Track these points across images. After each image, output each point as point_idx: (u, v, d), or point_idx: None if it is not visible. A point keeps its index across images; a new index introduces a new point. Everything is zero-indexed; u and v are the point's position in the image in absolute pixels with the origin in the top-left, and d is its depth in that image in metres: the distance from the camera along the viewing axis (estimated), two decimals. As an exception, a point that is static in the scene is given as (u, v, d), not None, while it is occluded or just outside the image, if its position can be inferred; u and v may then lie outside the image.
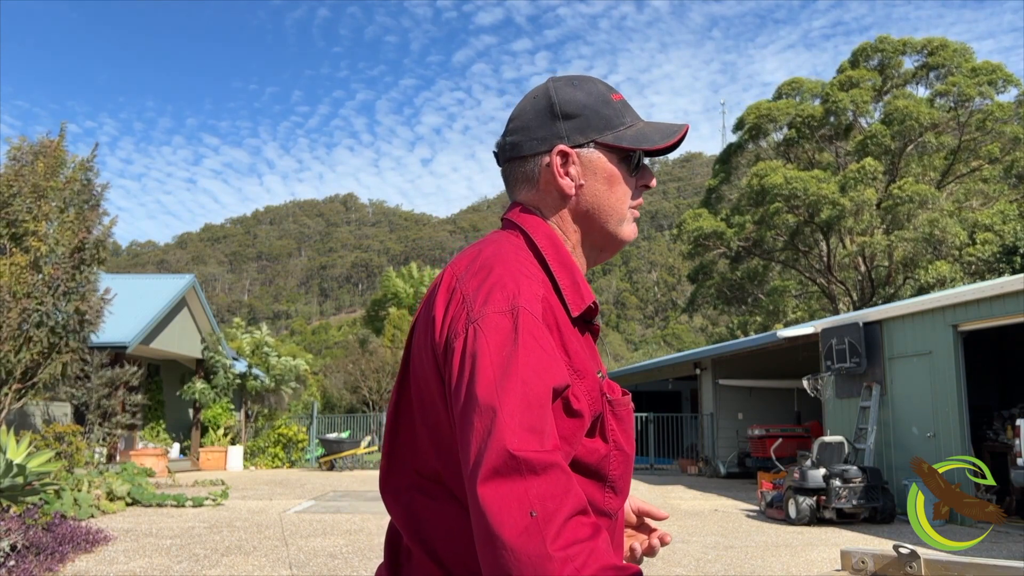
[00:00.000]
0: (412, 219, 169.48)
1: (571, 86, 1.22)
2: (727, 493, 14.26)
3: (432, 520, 1.08)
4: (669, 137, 1.21)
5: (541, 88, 1.24)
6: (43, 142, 12.65)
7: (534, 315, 1.02)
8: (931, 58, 26.37)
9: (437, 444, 1.09)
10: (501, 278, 1.05)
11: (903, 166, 26.02)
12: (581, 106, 1.20)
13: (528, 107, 1.23)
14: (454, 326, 1.04)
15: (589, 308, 1.14)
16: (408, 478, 1.12)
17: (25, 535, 6.90)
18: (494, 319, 1.01)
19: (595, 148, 1.19)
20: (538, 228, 1.18)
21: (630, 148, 1.19)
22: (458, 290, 1.07)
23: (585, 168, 1.19)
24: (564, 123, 1.19)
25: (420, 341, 1.12)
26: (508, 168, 1.24)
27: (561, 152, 1.18)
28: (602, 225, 1.21)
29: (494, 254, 1.11)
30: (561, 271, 1.14)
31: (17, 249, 11.67)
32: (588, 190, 1.19)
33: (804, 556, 7.94)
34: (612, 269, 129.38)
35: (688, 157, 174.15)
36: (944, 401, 10.98)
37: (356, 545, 8.21)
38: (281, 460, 21.09)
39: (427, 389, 1.09)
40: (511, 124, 1.24)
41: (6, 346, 11.26)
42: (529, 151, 1.20)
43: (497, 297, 1.03)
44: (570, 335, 1.09)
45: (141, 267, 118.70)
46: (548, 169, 1.19)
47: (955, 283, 20.98)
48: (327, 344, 70.54)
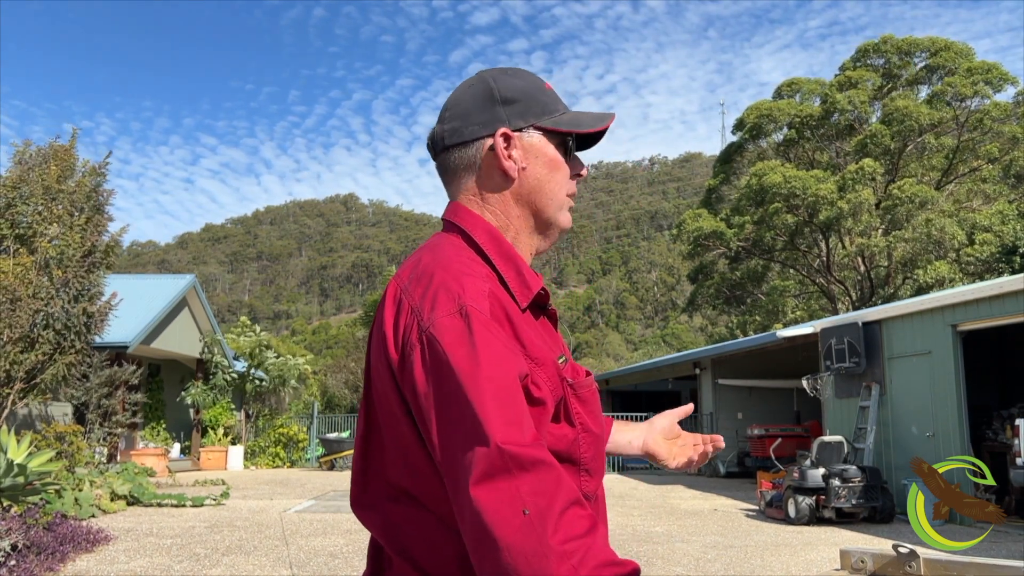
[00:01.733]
0: (412, 219, 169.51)
1: (507, 75, 1.24)
2: (727, 493, 14.27)
3: (409, 529, 1.08)
4: (600, 122, 1.24)
5: (476, 77, 1.25)
6: (54, 146, 12.71)
7: (482, 311, 1.02)
8: (933, 59, 26.35)
9: (404, 457, 1.08)
10: (444, 281, 1.05)
11: (903, 166, 26.02)
12: (520, 92, 1.21)
13: (466, 95, 1.23)
14: (407, 337, 1.04)
15: (538, 295, 1.15)
16: (381, 490, 1.12)
17: (26, 535, 6.91)
18: (445, 322, 1.01)
19: (535, 132, 1.21)
20: (476, 224, 1.18)
21: (567, 131, 1.21)
22: (404, 301, 1.07)
23: (527, 152, 1.20)
24: (504, 108, 1.20)
25: (376, 357, 1.11)
26: (446, 157, 1.23)
27: (504, 134, 1.18)
28: (542, 209, 1.22)
29: (434, 259, 1.11)
30: (504, 264, 1.14)
31: (24, 250, 11.69)
32: (530, 173, 1.20)
33: (804, 556, 7.95)
34: (612, 269, 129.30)
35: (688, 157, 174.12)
36: (944, 401, 10.98)
37: (356, 545, 8.21)
38: (281, 460, 21.09)
39: (387, 404, 1.09)
40: (447, 112, 1.23)
41: (16, 347, 11.28)
42: (471, 136, 1.20)
43: (443, 300, 1.03)
44: (523, 325, 1.09)
45: (142, 267, 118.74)
46: (491, 153, 1.19)
47: (954, 283, 20.99)
48: (327, 344, 70.56)
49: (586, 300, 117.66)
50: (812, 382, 13.47)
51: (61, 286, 11.82)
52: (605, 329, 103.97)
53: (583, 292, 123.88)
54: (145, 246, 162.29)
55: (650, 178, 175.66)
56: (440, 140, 1.23)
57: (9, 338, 11.20)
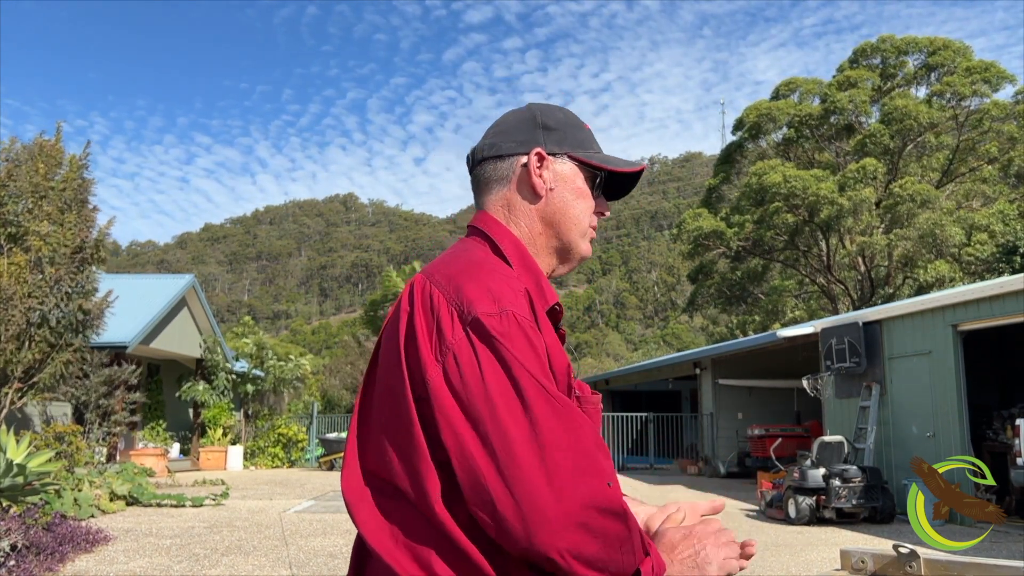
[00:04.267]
0: (412, 219, 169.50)
1: (550, 107, 1.33)
2: (727, 493, 14.26)
3: (392, 521, 1.09)
4: (631, 165, 1.32)
5: (525, 106, 1.34)
6: (40, 142, 12.62)
7: (522, 313, 1.06)
8: (932, 58, 26.34)
9: (393, 450, 1.09)
10: (484, 281, 1.08)
11: (903, 166, 26.01)
12: (560, 123, 1.30)
13: (510, 117, 1.32)
14: (452, 335, 1.05)
15: (553, 308, 1.17)
16: (368, 480, 1.13)
17: (25, 535, 6.90)
18: (488, 321, 1.03)
19: (568, 160, 1.28)
20: (504, 234, 1.23)
21: (599, 166, 1.29)
22: (438, 295, 1.08)
23: (557, 176, 1.27)
24: (544, 132, 1.27)
25: (389, 353, 1.12)
26: (481, 168, 1.29)
27: (538, 154, 1.25)
28: (565, 233, 1.27)
29: (469, 260, 1.15)
30: (526, 274, 1.18)
31: (16, 249, 11.66)
32: (557, 195, 1.26)
33: (804, 556, 7.95)
34: (612, 269, 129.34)
35: (688, 157, 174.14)
36: (944, 401, 10.98)
37: (356, 545, 8.21)
38: (281, 460, 21.08)
39: (393, 401, 1.10)
40: (491, 130, 1.32)
41: (10, 345, 11.27)
42: (507, 151, 1.27)
43: (483, 298, 1.05)
44: (545, 327, 1.12)
45: (141, 267, 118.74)
46: (524, 169, 1.26)
47: (954, 283, 20.99)
48: (327, 344, 70.53)
49: (586, 300, 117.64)
50: (812, 382, 13.46)
51: (54, 283, 11.80)
52: (605, 329, 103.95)
53: (583, 292, 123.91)
54: (144, 246, 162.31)
55: (650, 178, 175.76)
56: (479, 153, 1.30)
57: (5, 336, 11.19)
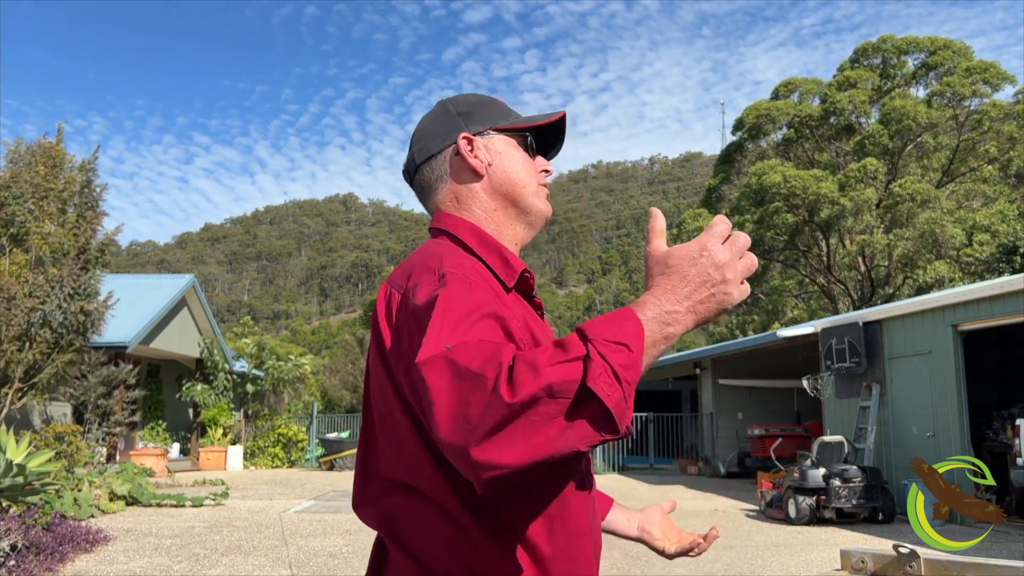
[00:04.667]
0: (412, 219, 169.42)
1: (459, 96, 1.36)
2: (727, 493, 14.27)
3: (405, 518, 1.11)
4: (552, 115, 1.33)
5: (436, 105, 1.36)
6: (42, 143, 12.63)
7: (461, 274, 1.06)
8: (932, 58, 26.33)
9: (397, 447, 1.11)
10: (427, 265, 1.11)
11: (903, 167, 26.01)
12: (473, 104, 1.32)
13: (426, 119, 1.34)
14: (397, 318, 1.08)
15: (523, 275, 1.19)
16: (378, 487, 1.15)
17: (25, 535, 6.90)
18: (425, 291, 1.05)
19: (494, 133, 1.30)
20: (459, 224, 1.25)
21: (523, 127, 1.30)
22: (395, 294, 1.12)
23: (490, 151, 1.28)
24: (462, 118, 1.30)
25: (373, 355, 1.16)
26: (419, 176, 1.31)
27: (466, 137, 1.27)
28: (518, 197, 1.28)
29: (421, 255, 1.17)
30: (489, 254, 1.20)
31: (18, 249, 11.66)
32: (497, 166, 1.28)
33: (804, 556, 7.95)
34: (612, 269, 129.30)
35: (688, 157, 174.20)
36: (944, 401, 10.98)
37: (356, 545, 8.21)
38: (281, 460, 21.08)
39: (382, 395, 1.13)
40: (414, 138, 1.34)
41: (13, 345, 11.27)
42: (436, 148, 1.29)
43: (427, 279, 1.07)
44: (507, 300, 1.13)
45: (141, 267, 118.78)
46: (457, 157, 1.27)
47: (954, 283, 20.98)
48: (327, 344, 70.53)
49: (586, 300, 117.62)
50: (812, 382, 13.46)
51: (56, 284, 11.80)
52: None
53: (583, 292, 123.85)
54: (144, 246, 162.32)
55: (650, 178, 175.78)
56: (412, 163, 1.32)
57: (6, 337, 11.19)
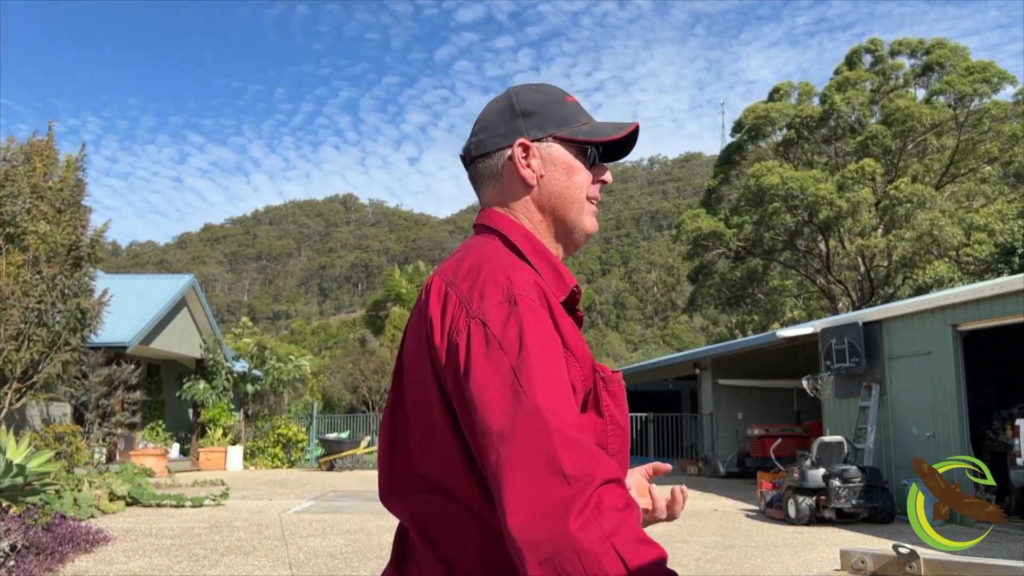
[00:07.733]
0: (412, 219, 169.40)
1: (529, 89, 1.31)
2: (727, 493, 14.27)
3: (436, 518, 1.10)
4: (619, 130, 1.28)
5: (503, 94, 1.33)
6: (34, 142, 12.62)
7: (530, 297, 1.06)
8: (929, 56, 26.35)
9: (435, 449, 1.10)
10: (492, 274, 1.09)
11: (903, 167, 26.01)
12: (539, 104, 1.28)
13: (491, 110, 1.31)
14: (455, 325, 1.06)
15: (572, 292, 1.19)
16: (410, 481, 1.14)
17: (25, 535, 6.90)
18: (494, 310, 1.04)
19: (554, 142, 1.26)
20: (512, 227, 1.24)
21: (585, 140, 1.27)
22: (451, 293, 1.10)
23: (545, 160, 1.26)
24: (524, 120, 1.27)
25: (413, 350, 1.14)
26: (474, 167, 1.30)
27: (522, 144, 1.25)
28: (564, 214, 1.27)
29: (480, 256, 1.15)
30: (541, 263, 1.20)
31: (14, 248, 11.66)
32: (549, 180, 1.26)
33: (804, 556, 7.95)
34: (612, 269, 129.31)
35: (688, 157, 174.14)
36: (944, 401, 10.98)
37: (356, 545, 8.21)
38: (281, 460, 21.08)
39: (422, 395, 1.11)
40: (475, 127, 1.32)
41: (9, 345, 11.26)
42: (493, 147, 1.27)
43: (492, 291, 1.06)
44: (561, 316, 1.13)
45: (141, 267, 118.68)
46: (511, 162, 1.25)
47: (953, 283, 20.98)
48: (327, 344, 70.52)
49: (586, 300, 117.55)
50: (812, 382, 13.46)
51: (51, 283, 11.81)
52: (605, 329, 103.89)
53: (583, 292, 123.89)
54: (144, 246, 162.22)
55: (650, 178, 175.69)
56: (468, 152, 1.31)
57: (3, 336, 11.19)
